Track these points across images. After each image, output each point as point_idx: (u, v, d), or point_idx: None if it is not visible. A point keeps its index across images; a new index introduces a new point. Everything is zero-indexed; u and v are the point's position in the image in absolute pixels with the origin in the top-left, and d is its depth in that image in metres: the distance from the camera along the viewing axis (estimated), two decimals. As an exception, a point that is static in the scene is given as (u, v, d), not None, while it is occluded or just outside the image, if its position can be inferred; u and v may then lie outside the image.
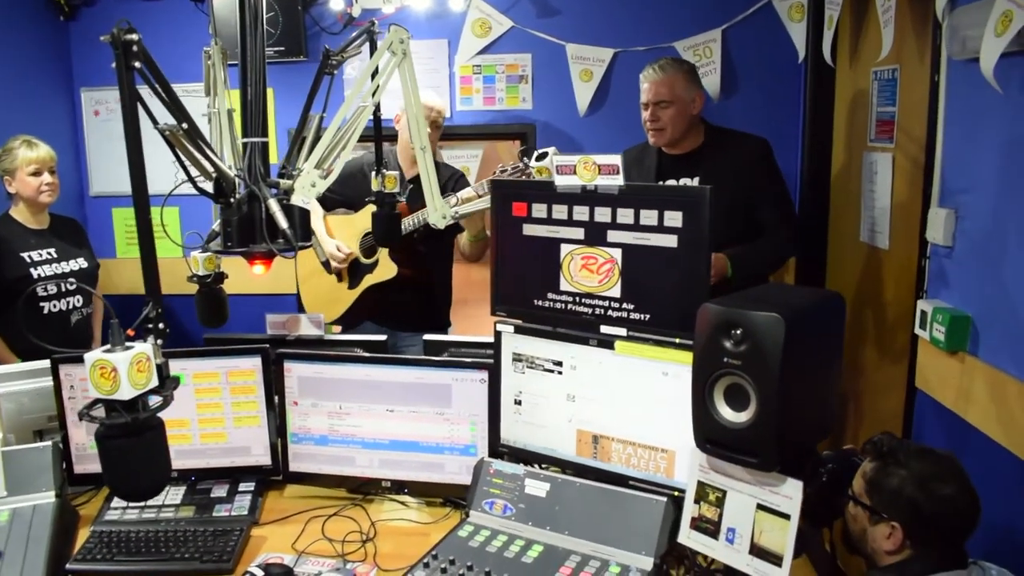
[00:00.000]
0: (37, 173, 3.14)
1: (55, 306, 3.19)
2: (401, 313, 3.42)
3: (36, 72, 3.82)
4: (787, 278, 3.71)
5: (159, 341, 1.47)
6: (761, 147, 2.98)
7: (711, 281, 2.72)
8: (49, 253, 3.20)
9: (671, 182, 3.01)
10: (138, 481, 1.42)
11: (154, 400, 1.43)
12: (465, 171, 4.00)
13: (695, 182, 2.95)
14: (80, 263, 3.29)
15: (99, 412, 1.39)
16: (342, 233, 3.42)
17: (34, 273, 3.14)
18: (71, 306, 3.25)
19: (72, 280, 3.23)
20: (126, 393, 1.35)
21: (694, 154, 3.00)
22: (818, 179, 3.55)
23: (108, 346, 1.38)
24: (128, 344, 1.39)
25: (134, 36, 1.40)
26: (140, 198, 1.45)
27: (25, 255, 3.14)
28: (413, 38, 3.88)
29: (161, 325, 1.48)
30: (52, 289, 3.16)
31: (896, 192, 2.88)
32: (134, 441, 1.38)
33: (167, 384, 1.47)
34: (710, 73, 3.68)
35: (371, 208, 3.24)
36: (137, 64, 1.43)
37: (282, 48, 3.71)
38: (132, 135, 1.42)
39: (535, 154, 2.20)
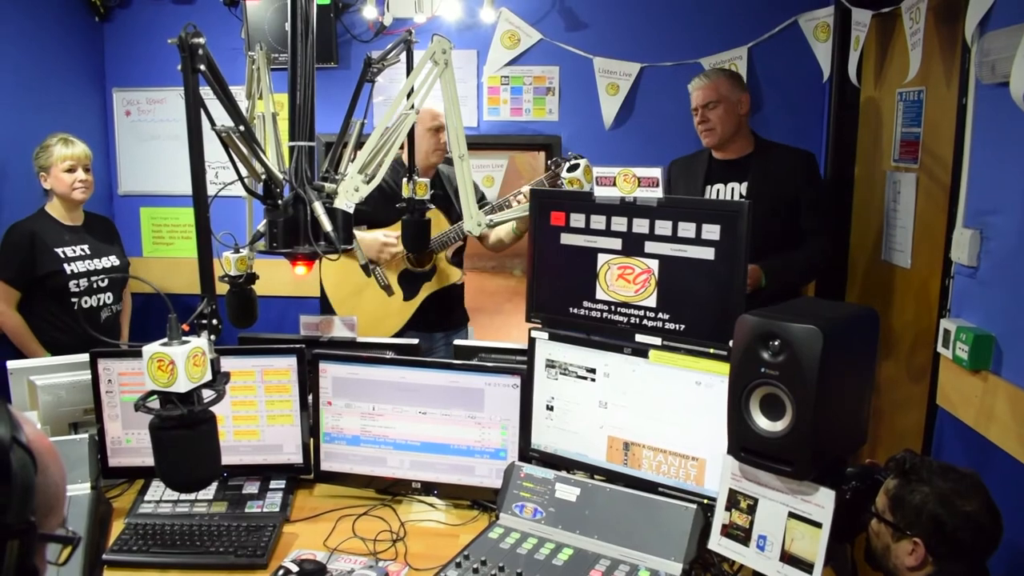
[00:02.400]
0: (71, 170, 3.19)
1: (86, 302, 3.24)
2: (448, 315, 3.50)
3: (70, 72, 3.89)
4: (809, 294, 3.75)
5: (212, 337, 1.51)
6: (808, 158, 3.14)
7: (746, 290, 2.80)
8: (83, 249, 3.25)
9: (719, 186, 3.11)
10: (190, 472, 1.45)
11: (207, 394, 1.47)
12: (489, 181, 4.06)
13: (743, 187, 3.05)
14: (112, 260, 3.33)
15: (154, 404, 1.43)
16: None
17: (67, 269, 3.18)
18: (101, 303, 3.30)
19: (104, 277, 3.28)
20: (182, 386, 1.39)
21: (743, 160, 3.12)
22: (840, 197, 3.59)
23: (165, 339, 1.42)
24: (184, 339, 1.43)
25: (200, 40, 1.44)
26: (200, 197, 1.49)
27: (59, 250, 3.19)
28: (442, 48, 3.92)
29: (215, 321, 1.52)
30: (84, 285, 3.21)
31: (919, 212, 2.92)
32: (188, 433, 1.42)
33: (219, 379, 1.50)
34: (735, 90, 3.73)
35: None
36: (201, 67, 1.46)
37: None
38: (195, 136, 1.46)
39: (566, 165, 2.24)
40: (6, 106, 3.50)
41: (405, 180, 2.52)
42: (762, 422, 1.58)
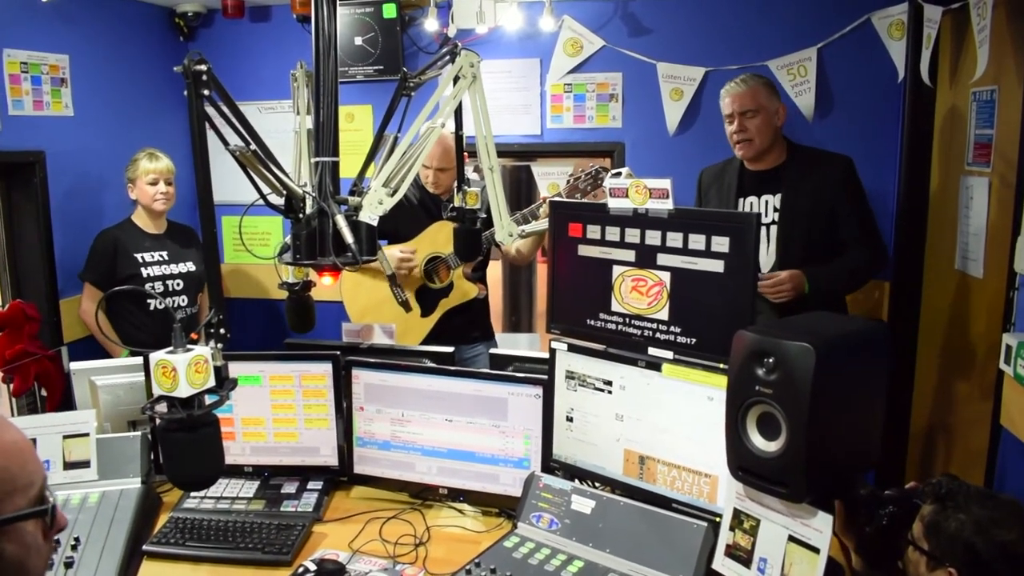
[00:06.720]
0: (154, 183, 3.43)
1: (161, 304, 3.44)
2: (469, 330, 3.49)
3: (159, 88, 4.13)
4: (882, 305, 3.59)
5: (219, 345, 1.59)
6: (845, 165, 2.94)
7: (787, 297, 2.70)
8: (161, 255, 3.47)
9: (752, 199, 2.99)
10: (191, 472, 1.53)
11: (211, 399, 1.55)
12: (553, 188, 4.07)
13: (777, 199, 2.94)
14: (188, 266, 3.54)
15: (162, 408, 1.52)
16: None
17: (144, 273, 3.42)
18: (176, 305, 3.50)
19: (179, 281, 3.48)
20: (184, 391, 1.47)
21: (777, 171, 2.99)
22: (915, 203, 3.42)
23: (171, 347, 1.51)
24: (189, 346, 1.52)
25: (203, 67, 1.53)
26: (206, 213, 1.59)
27: (138, 256, 3.43)
28: (505, 58, 3.98)
29: (223, 331, 1.60)
30: (159, 288, 3.42)
31: (992, 219, 2.75)
32: (189, 436, 1.50)
33: (224, 385, 1.58)
34: (804, 92, 3.60)
35: (428, 234, 3.35)
36: (206, 92, 1.55)
37: (381, 67, 3.87)
38: (200, 154, 1.55)
39: (610, 173, 2.24)
40: (102, 123, 3.78)
41: (455, 190, 2.55)
42: (758, 441, 1.54)
